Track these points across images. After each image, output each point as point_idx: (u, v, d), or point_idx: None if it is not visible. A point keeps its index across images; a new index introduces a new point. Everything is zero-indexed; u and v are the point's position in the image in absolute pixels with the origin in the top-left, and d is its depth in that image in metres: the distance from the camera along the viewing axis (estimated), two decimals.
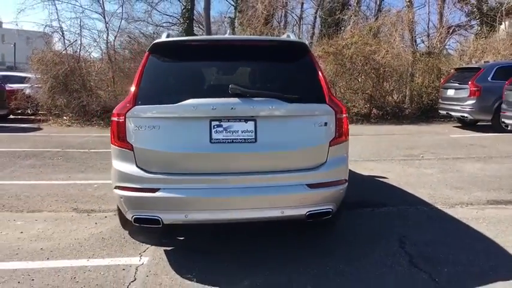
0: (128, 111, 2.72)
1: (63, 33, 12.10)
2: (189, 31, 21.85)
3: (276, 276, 2.78)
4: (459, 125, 11.03)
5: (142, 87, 2.78)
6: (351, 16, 16.75)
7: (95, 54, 13.15)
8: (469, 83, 9.24)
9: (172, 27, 24.45)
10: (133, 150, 2.73)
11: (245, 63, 3.08)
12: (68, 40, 12.17)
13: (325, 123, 2.82)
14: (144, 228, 3.40)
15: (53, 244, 3.36)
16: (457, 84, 10.06)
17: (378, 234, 3.53)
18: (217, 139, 2.70)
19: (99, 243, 3.38)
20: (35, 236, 3.55)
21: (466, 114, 9.73)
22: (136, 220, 2.79)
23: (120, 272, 2.87)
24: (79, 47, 12.37)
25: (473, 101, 9.23)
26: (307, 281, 2.71)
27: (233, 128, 2.71)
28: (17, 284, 2.71)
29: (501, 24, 13.93)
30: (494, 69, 9.38)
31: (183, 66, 2.98)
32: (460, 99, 9.74)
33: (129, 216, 2.84)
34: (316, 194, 2.80)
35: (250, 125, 2.72)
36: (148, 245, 3.31)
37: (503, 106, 8.25)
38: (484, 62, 10.54)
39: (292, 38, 3.39)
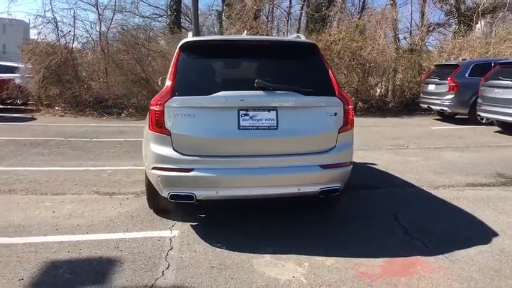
0: (166, 101, 3.12)
1: (56, 24, 12.17)
2: (176, 23, 21.98)
3: (291, 242, 3.23)
4: (439, 117, 11.73)
5: (177, 81, 3.17)
6: (337, 12, 17.29)
7: (88, 45, 13.26)
8: (448, 78, 9.90)
9: (159, 18, 24.51)
10: (170, 136, 3.13)
11: (265, 60, 3.50)
12: (61, 31, 12.24)
13: (335, 113, 3.29)
14: (170, 207, 3.83)
15: (87, 221, 3.72)
16: (437, 80, 10.74)
17: (375, 211, 4.05)
18: (244, 126, 3.13)
19: (129, 220, 3.76)
20: (67, 214, 3.90)
21: (445, 108, 10.44)
22: (172, 196, 3.20)
23: (157, 242, 3.27)
24: (72, 38, 12.48)
25: (452, 96, 9.91)
26: (318, 246, 3.18)
27: (258, 117, 3.14)
28: (67, 252, 3.08)
29: (477, 23, 14.71)
30: (471, 66, 10.09)
31: (211, 63, 3.40)
32: (440, 94, 10.44)
33: (165, 193, 3.24)
34: (327, 173, 3.28)
35: (272, 114, 3.16)
36: (174, 221, 3.71)
37: (479, 101, 8.93)
38: (462, 59, 11.25)
39: (303, 39, 3.83)
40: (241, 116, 3.13)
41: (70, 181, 5.03)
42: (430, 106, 11.05)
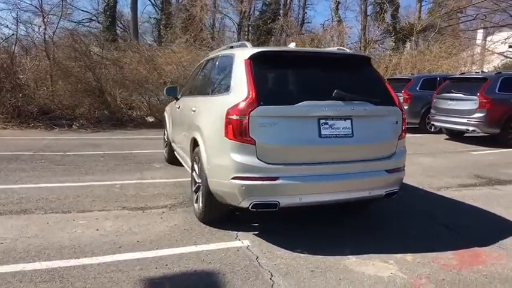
0: (252, 110, 3.16)
1: None
2: (111, 28, 21.07)
3: (359, 244, 3.43)
4: None
5: (259, 90, 3.22)
6: (282, 26, 18.06)
7: (32, 50, 12.14)
8: (402, 91, 10.95)
9: (89, 23, 23.24)
10: (255, 145, 3.17)
11: (331, 71, 3.68)
12: (2, 34, 11.11)
13: (396, 122, 3.61)
14: (221, 219, 3.80)
15: (143, 237, 3.55)
16: None
17: (406, 212, 4.44)
18: (325, 134, 3.29)
19: (188, 233, 3.66)
20: (115, 232, 3.68)
21: None
22: (255, 206, 3.23)
23: (237, 252, 3.27)
24: (15, 42, 11.37)
25: (406, 107, 10.95)
26: (384, 245, 3.42)
27: (336, 125, 3.33)
28: (155, 269, 2.95)
29: (410, 42, 16.46)
30: (421, 80, 11.29)
31: (285, 73, 3.50)
32: None
33: (245, 203, 3.25)
34: (391, 177, 3.57)
35: (348, 123, 3.37)
36: (234, 232, 3.70)
37: (432, 111, 10.02)
38: (411, 74, 12.49)
39: (357, 52, 4.11)
40: (322, 125, 3.30)
41: (84, 197, 4.69)
42: None
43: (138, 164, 6.59)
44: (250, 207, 3.25)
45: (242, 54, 3.58)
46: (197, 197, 4.03)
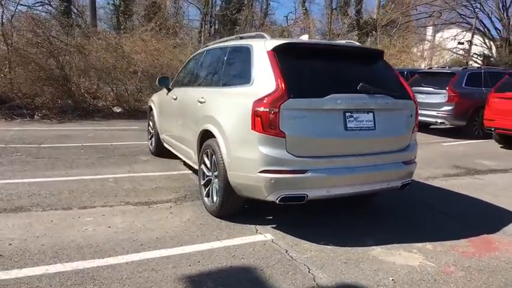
0: (282, 103, 3.11)
1: None
2: (67, 13, 19.88)
3: (378, 235, 3.51)
4: None
5: (288, 83, 3.18)
6: (247, 16, 17.93)
7: None
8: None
9: (41, 7, 21.75)
10: (285, 138, 3.14)
11: (351, 64, 3.70)
12: None
13: (411, 115, 3.71)
14: (235, 212, 3.75)
15: (161, 233, 3.42)
16: None
17: (405, 202, 4.59)
18: (350, 127, 3.33)
19: (205, 229, 3.56)
20: (128, 228, 3.51)
21: None
22: (283, 199, 3.20)
23: (264, 246, 3.23)
24: None
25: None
26: (401, 236, 3.52)
27: (360, 118, 3.37)
28: (188, 266, 2.86)
29: (371, 37, 16.98)
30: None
31: (310, 65, 3.46)
32: None
33: (272, 197, 3.21)
34: (407, 169, 3.69)
35: (370, 116, 3.43)
36: (251, 225, 3.65)
37: None
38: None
39: (357, 44, 4.16)
40: (348, 118, 3.32)
41: (80, 192, 4.43)
42: None
43: (123, 157, 6.31)
44: (277, 201, 3.22)
45: (263, 45, 3.51)
46: (208, 190, 3.93)
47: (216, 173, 3.74)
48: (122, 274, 2.70)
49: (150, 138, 6.63)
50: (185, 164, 5.57)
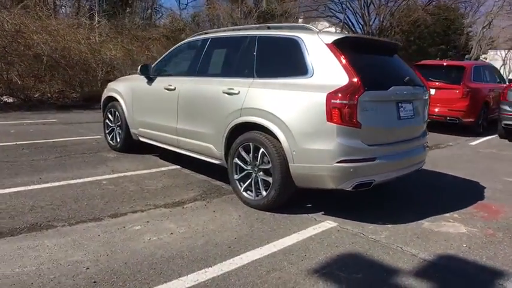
0: (360, 95, 3.26)
1: None
2: None
3: (412, 213, 3.96)
4: None
5: (360, 76, 3.32)
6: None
7: None
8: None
9: None
10: (361, 128, 3.31)
11: (391, 58, 4.05)
12: None
13: (428, 103, 4.24)
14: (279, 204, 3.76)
15: (231, 234, 3.25)
16: None
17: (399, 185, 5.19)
18: (402, 116, 3.68)
19: (269, 224, 3.47)
20: (193, 232, 3.25)
21: None
22: (356, 186, 3.39)
23: (339, 233, 3.36)
24: None
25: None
26: (428, 211, 4.03)
27: (406, 108, 3.75)
28: (302, 261, 2.84)
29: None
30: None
31: (367, 59, 3.65)
32: None
33: (347, 185, 3.37)
34: (426, 152, 4.22)
35: (411, 106, 3.83)
36: (304, 214, 3.73)
37: None
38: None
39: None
40: (400, 108, 3.65)
41: (88, 200, 3.85)
42: None
43: (86, 155, 5.55)
44: (350, 188, 3.39)
45: (317, 38, 3.58)
46: (247, 185, 3.86)
47: (263, 166, 3.70)
48: (250, 279, 2.55)
49: (110, 133, 5.93)
50: (163, 158, 5.47)
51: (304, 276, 2.63)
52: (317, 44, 3.54)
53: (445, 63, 10.44)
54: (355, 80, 3.29)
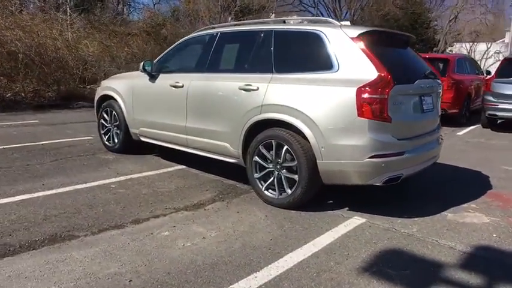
0: (391, 89, 3.21)
1: None
2: None
3: (432, 206, 3.98)
4: None
5: (389, 70, 3.27)
6: None
7: None
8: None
9: None
10: (391, 123, 3.27)
11: (410, 51, 4.03)
12: None
13: (440, 97, 4.26)
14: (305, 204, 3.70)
15: (265, 236, 3.13)
16: None
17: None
18: (425, 109, 3.67)
19: (298, 223, 3.38)
20: (225, 236, 3.12)
21: None
22: (387, 181, 3.35)
23: (371, 229, 3.33)
24: None
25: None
26: (447, 205, 4.08)
27: (427, 101, 3.75)
28: (347, 260, 2.78)
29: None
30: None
31: (391, 52, 3.62)
32: None
33: (378, 180, 3.33)
34: (441, 146, 4.24)
35: (431, 99, 3.83)
36: (330, 211, 3.67)
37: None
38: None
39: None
40: (423, 101, 3.64)
41: (104, 206, 3.64)
42: None
43: (83, 158, 5.27)
44: (381, 183, 3.35)
45: (341, 32, 3.49)
46: (269, 183, 3.76)
47: (287, 164, 3.61)
48: (304, 282, 2.46)
49: (106, 134, 5.65)
50: (164, 158, 5.30)
51: (355, 275, 2.57)
52: (341, 38, 3.46)
53: (427, 56, 10.66)
54: (384, 74, 3.24)
